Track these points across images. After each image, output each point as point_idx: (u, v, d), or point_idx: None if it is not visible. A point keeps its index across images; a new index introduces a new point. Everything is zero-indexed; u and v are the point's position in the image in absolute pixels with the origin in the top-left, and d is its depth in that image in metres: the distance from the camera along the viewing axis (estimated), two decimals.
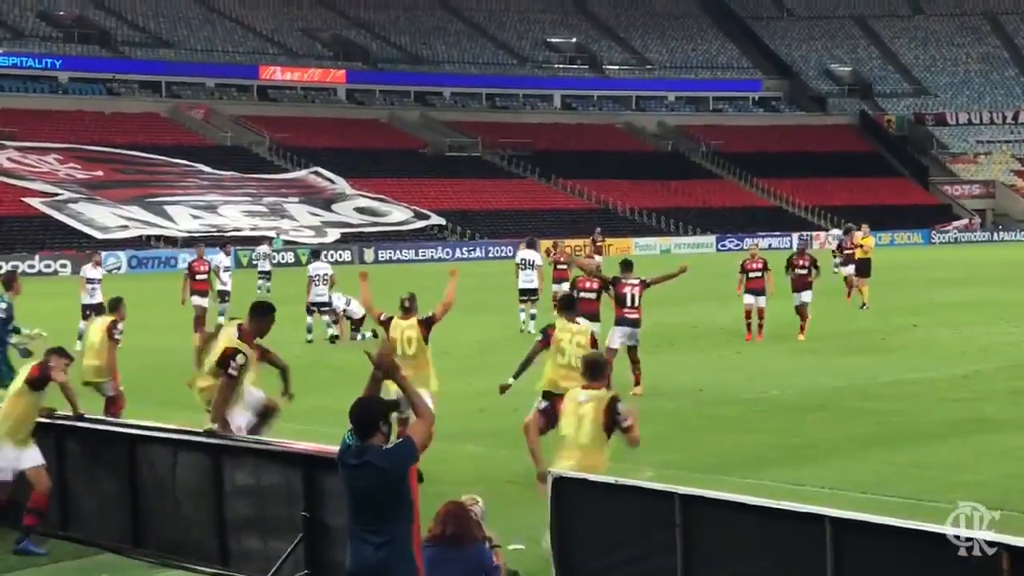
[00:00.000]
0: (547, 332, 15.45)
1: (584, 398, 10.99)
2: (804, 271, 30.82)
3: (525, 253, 35.08)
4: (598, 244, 58.38)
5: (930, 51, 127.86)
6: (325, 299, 31.51)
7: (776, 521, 8.90)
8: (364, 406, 8.24)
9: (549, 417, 14.12)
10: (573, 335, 15.18)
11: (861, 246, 39.50)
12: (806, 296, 30.51)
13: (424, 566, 8.39)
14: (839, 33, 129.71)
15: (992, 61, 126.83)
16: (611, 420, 10.77)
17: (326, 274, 32.00)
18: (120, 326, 18.50)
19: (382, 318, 16.39)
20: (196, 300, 32.29)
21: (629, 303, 21.75)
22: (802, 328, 29.95)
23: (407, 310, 16.19)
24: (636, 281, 22.04)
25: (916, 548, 8.31)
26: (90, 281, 32.77)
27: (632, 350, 21.76)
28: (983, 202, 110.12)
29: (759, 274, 29.92)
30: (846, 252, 41.52)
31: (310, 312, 31.71)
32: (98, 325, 18.49)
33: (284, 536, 11.12)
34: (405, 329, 15.91)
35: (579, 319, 16.23)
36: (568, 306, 16.03)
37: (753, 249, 32.29)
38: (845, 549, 8.53)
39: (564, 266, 35.38)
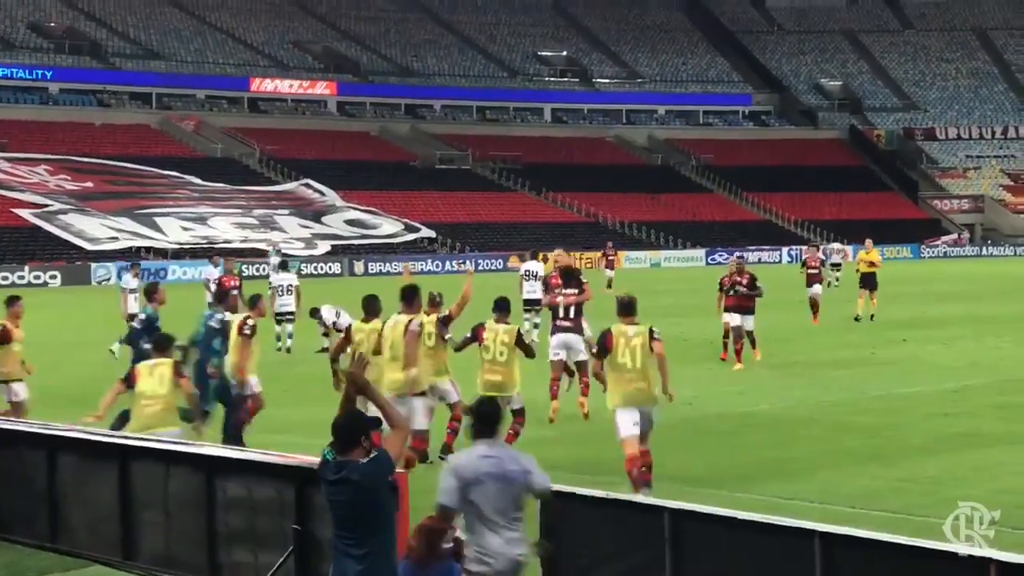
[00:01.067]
0: (477, 330, 17.55)
1: (632, 332, 14.75)
2: (743, 290, 27.65)
3: (528, 265, 36.29)
4: (610, 258, 58.95)
5: (919, 66, 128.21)
6: (290, 308, 32.53)
7: (765, 536, 8.92)
8: (347, 422, 8.46)
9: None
10: (498, 335, 17.29)
11: (871, 262, 39.06)
12: (748, 323, 27.43)
13: None
14: (829, 48, 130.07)
15: (981, 76, 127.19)
16: (651, 341, 14.67)
17: (290, 285, 32.92)
18: (251, 322, 18.88)
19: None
20: (227, 317, 31.15)
21: (562, 314, 21.17)
22: (738, 353, 27.06)
23: (434, 305, 17.83)
24: (572, 292, 21.33)
25: (905, 563, 8.34)
26: (132, 291, 32.80)
27: (579, 366, 20.94)
28: (972, 217, 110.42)
29: (744, 290, 27.83)
30: (810, 272, 37.32)
31: (278, 323, 32.52)
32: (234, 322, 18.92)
33: (274, 549, 11.11)
34: (426, 324, 17.34)
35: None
36: (500, 308, 17.71)
37: (732, 265, 29.76)
38: (834, 564, 8.55)
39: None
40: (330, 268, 77.63)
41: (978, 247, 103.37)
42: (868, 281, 38.49)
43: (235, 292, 29.55)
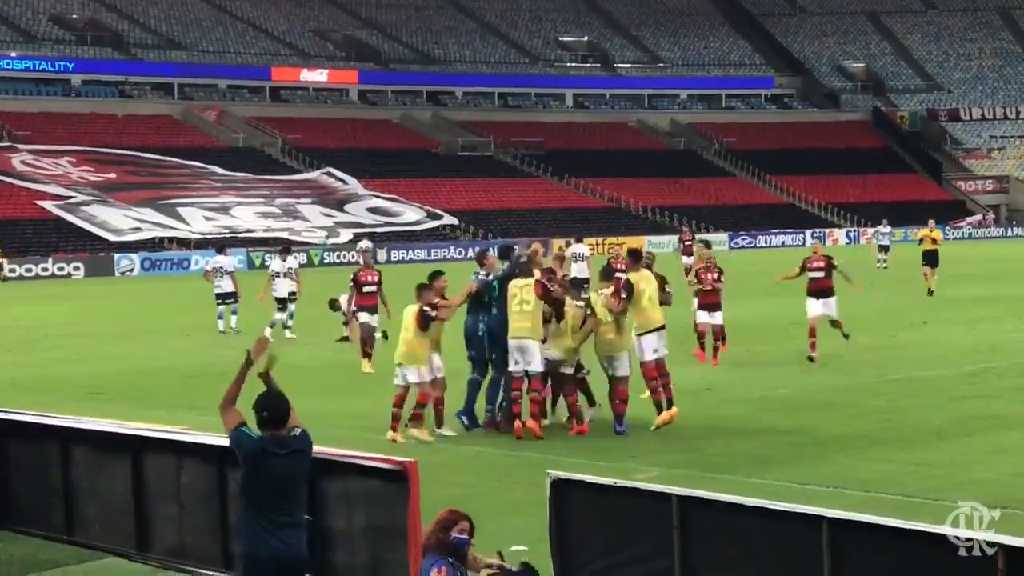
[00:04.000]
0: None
1: (522, 283, 17.86)
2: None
3: (576, 247, 39.09)
4: (687, 243, 52.40)
5: (943, 47, 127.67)
6: (291, 290, 33.33)
7: (773, 522, 8.90)
8: (278, 401, 9.06)
9: None
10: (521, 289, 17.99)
11: (934, 239, 42.01)
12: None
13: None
14: (852, 29, 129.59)
15: (1005, 56, 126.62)
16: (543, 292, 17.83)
17: (290, 268, 33.76)
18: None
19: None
20: (364, 318, 26.63)
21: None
22: (717, 350, 24.96)
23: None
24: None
25: (913, 548, 8.31)
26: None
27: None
28: (997, 197, 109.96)
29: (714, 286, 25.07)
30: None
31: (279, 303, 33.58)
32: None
33: None
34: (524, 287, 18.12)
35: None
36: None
37: (710, 258, 26.23)
38: (843, 549, 8.53)
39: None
40: (352, 256, 77.58)
41: (1003, 228, 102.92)
42: (931, 258, 41.23)
43: (370, 290, 27.03)
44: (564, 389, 18.40)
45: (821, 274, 25.56)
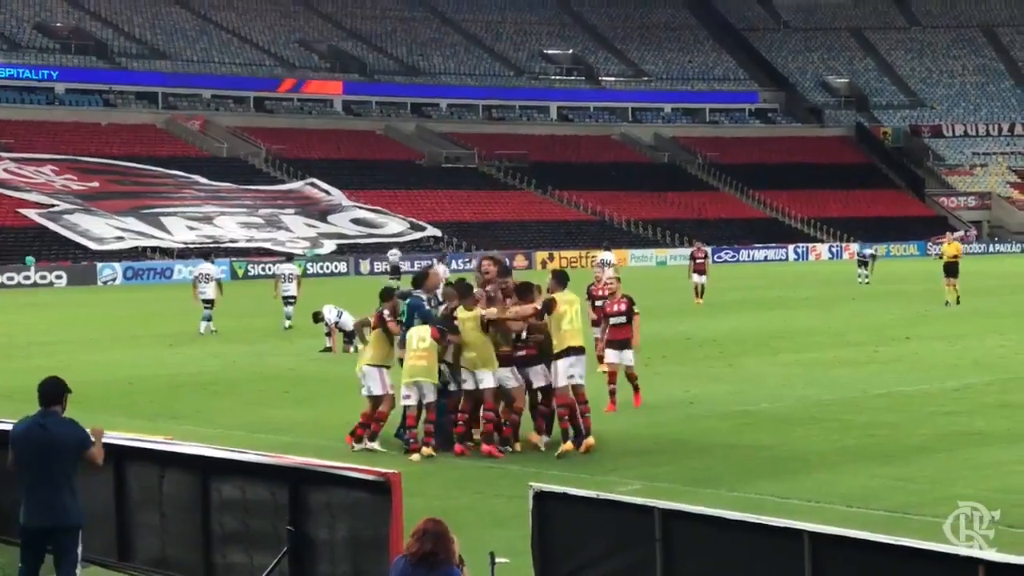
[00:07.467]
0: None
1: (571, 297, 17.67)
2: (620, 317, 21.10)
3: (604, 255, 40.04)
4: (699, 261, 46.05)
5: (926, 63, 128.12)
6: (292, 293, 36.98)
7: (755, 536, 8.91)
8: (53, 383, 10.88)
9: None
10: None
11: (954, 253, 43.83)
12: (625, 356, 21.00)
13: None
14: (835, 45, 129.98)
15: (988, 73, 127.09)
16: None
17: (291, 274, 37.49)
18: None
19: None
20: None
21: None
22: (638, 389, 21.40)
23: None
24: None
25: (895, 563, 8.33)
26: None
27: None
28: (979, 214, 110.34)
29: (622, 319, 21.00)
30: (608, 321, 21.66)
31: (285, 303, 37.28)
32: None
33: (269, 550, 11.12)
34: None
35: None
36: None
37: (612, 284, 21.93)
38: (824, 564, 8.54)
39: (601, 302, 23.63)
40: (336, 267, 77.67)
41: (985, 244, 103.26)
42: (951, 270, 42.75)
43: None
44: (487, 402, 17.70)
45: (622, 319, 21.07)
